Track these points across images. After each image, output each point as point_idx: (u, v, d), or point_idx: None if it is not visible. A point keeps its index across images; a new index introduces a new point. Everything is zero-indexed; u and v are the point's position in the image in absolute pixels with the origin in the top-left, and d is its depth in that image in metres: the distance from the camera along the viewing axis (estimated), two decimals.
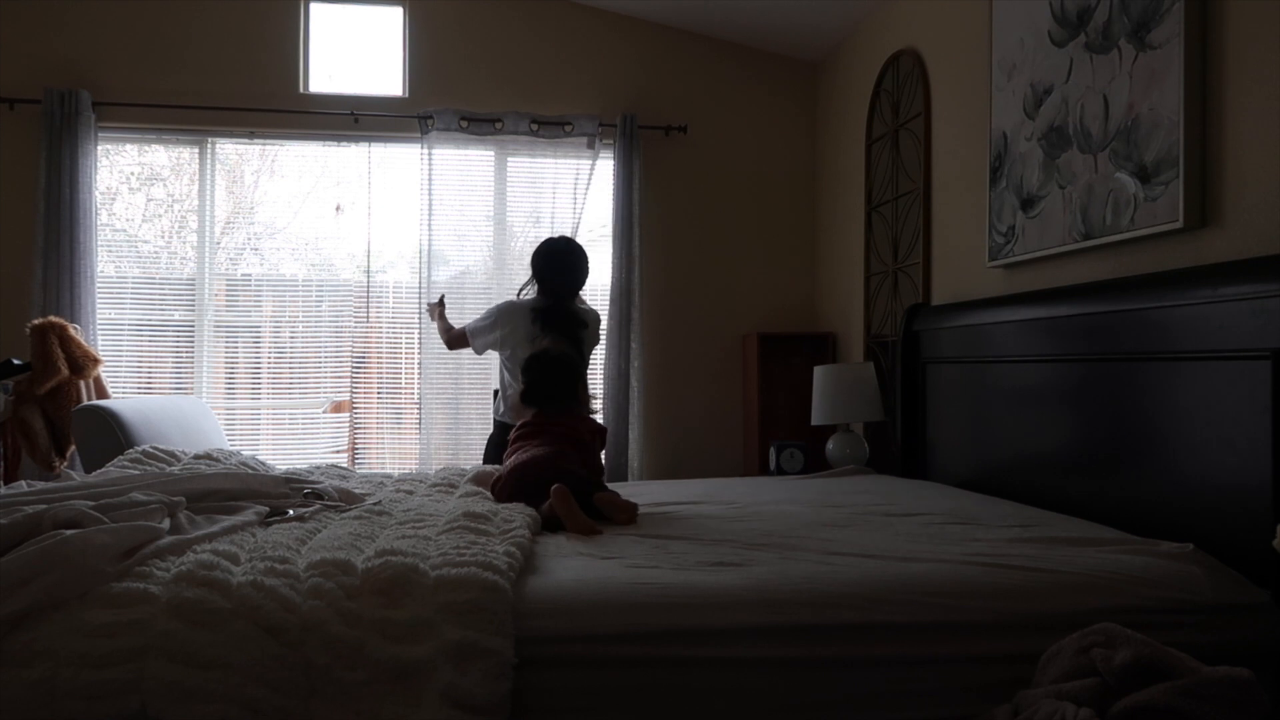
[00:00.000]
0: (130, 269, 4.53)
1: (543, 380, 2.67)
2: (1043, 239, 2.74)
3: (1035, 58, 2.79)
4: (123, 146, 4.57)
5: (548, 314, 3.14)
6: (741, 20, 4.56)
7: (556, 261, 3.23)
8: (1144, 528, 2.15)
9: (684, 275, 4.79)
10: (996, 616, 1.67)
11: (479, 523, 1.93)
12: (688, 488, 3.04)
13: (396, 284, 4.70)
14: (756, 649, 1.59)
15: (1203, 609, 1.72)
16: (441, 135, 4.46)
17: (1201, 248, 2.18)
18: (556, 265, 3.22)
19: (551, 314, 3.13)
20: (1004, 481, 2.81)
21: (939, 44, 3.56)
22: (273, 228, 4.69)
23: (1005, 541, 2.04)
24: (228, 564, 1.59)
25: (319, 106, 4.49)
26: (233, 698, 1.39)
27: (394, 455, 4.63)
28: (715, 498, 2.77)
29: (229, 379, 4.58)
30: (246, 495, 2.14)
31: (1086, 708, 1.33)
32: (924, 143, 3.61)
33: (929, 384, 3.34)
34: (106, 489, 1.97)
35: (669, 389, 4.72)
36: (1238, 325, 1.92)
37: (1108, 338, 2.34)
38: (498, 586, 1.54)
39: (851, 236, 4.38)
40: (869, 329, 4.13)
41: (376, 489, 2.62)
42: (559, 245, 3.29)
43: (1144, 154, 2.31)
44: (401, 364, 4.67)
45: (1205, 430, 2.02)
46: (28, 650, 1.40)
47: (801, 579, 1.73)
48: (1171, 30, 2.21)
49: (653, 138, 4.72)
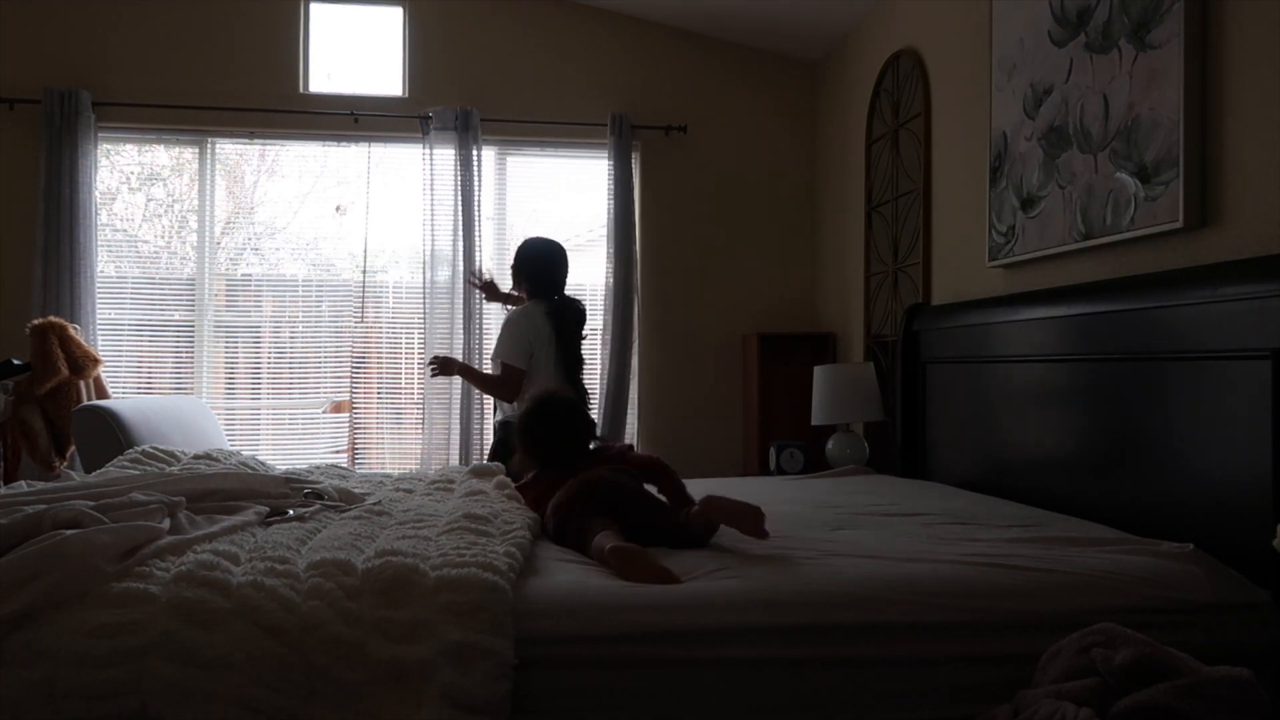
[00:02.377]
0: (130, 269, 4.53)
1: (555, 436, 2.30)
2: (1043, 239, 2.74)
3: (1035, 57, 2.79)
4: (123, 146, 4.57)
5: (563, 313, 3.24)
6: (741, 20, 4.56)
7: (550, 261, 3.32)
8: (1144, 528, 2.15)
9: (684, 275, 4.79)
10: (996, 617, 1.67)
11: (479, 523, 1.93)
12: (687, 488, 3.03)
13: (396, 284, 4.70)
14: (757, 650, 1.59)
15: (1203, 609, 1.72)
16: (441, 135, 4.46)
17: (1201, 248, 2.17)
18: (551, 264, 3.32)
19: (566, 312, 3.25)
20: (1004, 481, 2.81)
21: (939, 44, 3.56)
22: (273, 228, 4.69)
23: (1005, 542, 2.04)
24: (228, 564, 1.59)
25: (319, 106, 4.48)
26: (233, 698, 1.39)
27: (394, 455, 4.63)
28: None
29: (229, 379, 4.58)
30: (246, 495, 2.14)
31: (1087, 707, 1.33)
32: (924, 143, 3.60)
33: (929, 384, 3.34)
34: (106, 489, 1.97)
35: (669, 389, 4.72)
36: (1238, 325, 1.92)
37: (1108, 338, 2.34)
38: (498, 587, 1.54)
39: (851, 236, 4.38)
40: (869, 329, 4.13)
41: (376, 489, 2.62)
42: (548, 245, 3.38)
43: (1144, 154, 2.31)
44: (401, 364, 4.67)
45: (1205, 430, 2.02)
46: (28, 650, 1.40)
47: (801, 580, 1.73)
48: (1171, 30, 2.21)
49: (652, 138, 4.72)
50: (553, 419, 2.30)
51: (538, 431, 2.29)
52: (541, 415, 2.31)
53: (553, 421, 2.29)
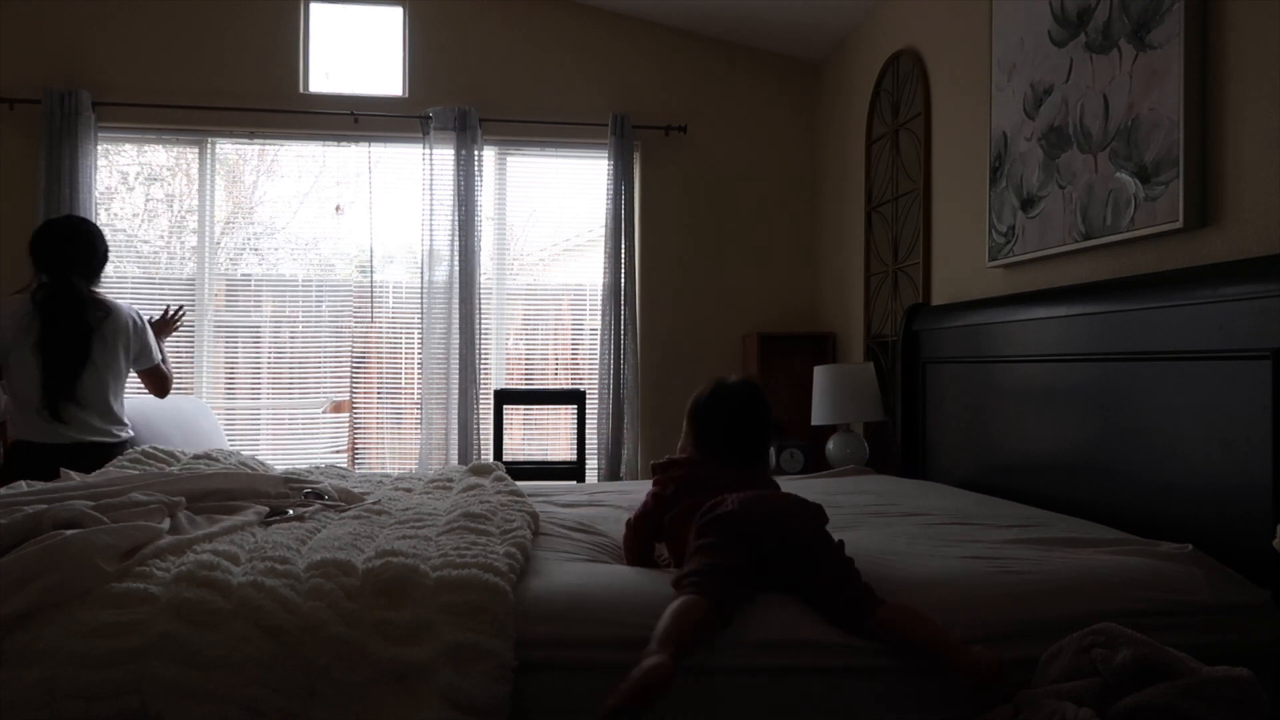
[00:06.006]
0: (130, 269, 4.53)
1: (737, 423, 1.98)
2: (1043, 239, 2.74)
3: (1035, 58, 2.79)
4: (122, 146, 4.57)
5: (49, 300, 2.84)
6: (741, 20, 4.56)
7: (53, 238, 2.95)
8: (1144, 528, 2.15)
9: (684, 275, 4.79)
10: (996, 619, 1.67)
11: (478, 522, 1.93)
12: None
13: (396, 284, 4.70)
14: (756, 656, 1.59)
15: (1202, 610, 1.71)
16: (441, 135, 4.46)
17: (1201, 248, 2.18)
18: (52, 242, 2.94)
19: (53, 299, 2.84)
20: (1004, 481, 2.81)
21: (939, 44, 3.56)
22: (272, 228, 4.69)
23: (1005, 542, 2.04)
24: (228, 564, 1.58)
25: (319, 106, 4.48)
26: (233, 698, 1.39)
27: (394, 455, 4.63)
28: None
29: (229, 379, 4.58)
30: (246, 495, 2.14)
31: (1087, 707, 1.33)
32: (924, 143, 3.61)
33: (929, 384, 3.34)
34: (106, 489, 1.97)
35: (669, 389, 4.72)
36: (1238, 325, 1.92)
37: (1108, 338, 2.34)
38: (498, 589, 1.54)
39: (851, 236, 4.38)
40: (869, 329, 4.13)
41: (375, 488, 2.62)
42: (59, 224, 3.03)
43: (1144, 154, 2.31)
44: (401, 364, 4.67)
45: (1205, 430, 2.02)
46: (28, 650, 1.39)
47: None
48: (1171, 30, 2.21)
49: (652, 137, 4.72)
50: (733, 403, 1.99)
51: (720, 414, 1.99)
52: (722, 398, 2.00)
53: (733, 407, 1.99)
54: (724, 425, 1.97)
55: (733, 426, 1.97)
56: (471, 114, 4.47)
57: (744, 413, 1.98)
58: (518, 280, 4.80)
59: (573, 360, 4.81)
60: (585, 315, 4.80)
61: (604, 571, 1.80)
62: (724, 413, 1.98)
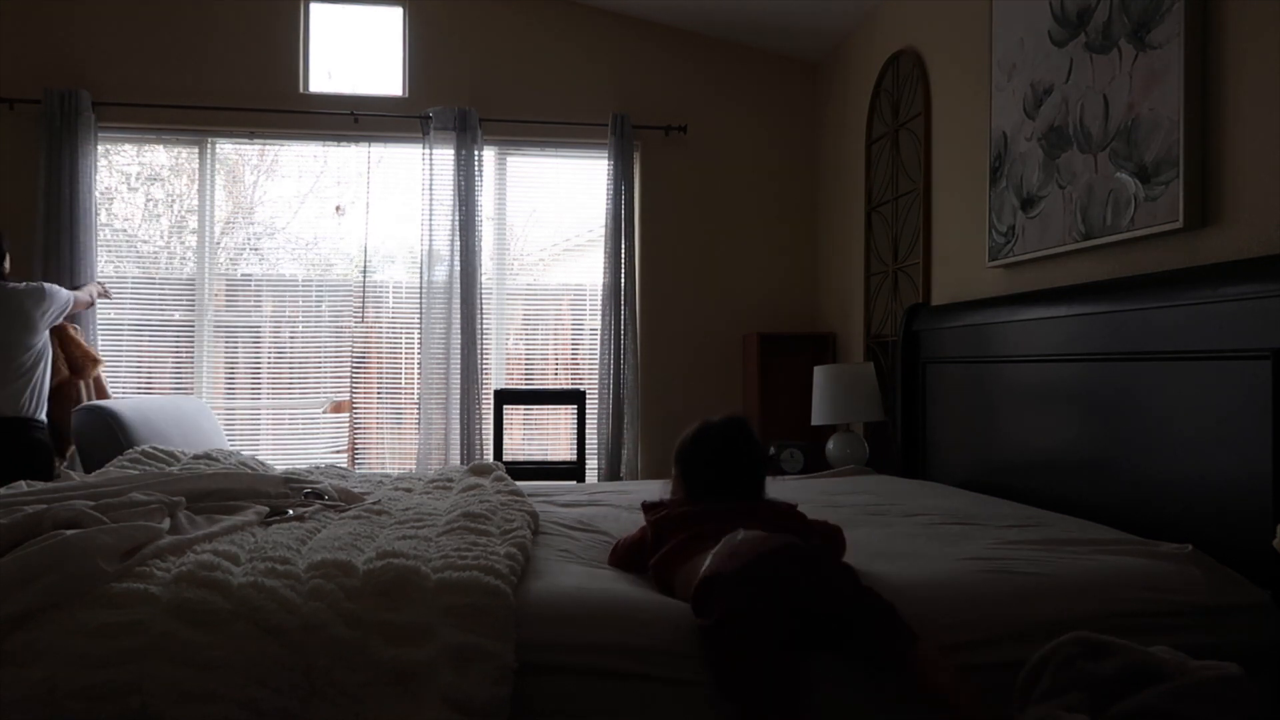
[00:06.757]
0: (130, 269, 4.53)
1: (721, 463, 1.95)
2: (1043, 239, 2.74)
3: (1035, 58, 2.79)
4: (122, 146, 4.57)
5: None
6: (741, 20, 4.56)
7: None
8: (1143, 528, 2.15)
9: (684, 275, 4.79)
10: (995, 619, 1.66)
11: (478, 522, 1.93)
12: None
13: (396, 284, 4.70)
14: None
15: (1202, 610, 1.71)
16: (441, 135, 4.46)
17: (1201, 248, 2.18)
18: None
19: None
20: (1004, 481, 2.81)
21: (939, 44, 3.56)
22: (272, 228, 4.69)
23: (1004, 543, 2.03)
24: (228, 564, 1.58)
25: (319, 106, 4.49)
26: (233, 699, 1.39)
27: (394, 455, 4.63)
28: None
29: (229, 379, 4.58)
30: (246, 495, 2.14)
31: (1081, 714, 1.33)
32: (924, 143, 3.61)
33: (929, 384, 3.34)
34: (106, 489, 1.97)
35: (669, 389, 4.72)
36: (1238, 325, 1.92)
37: (1108, 338, 2.34)
38: (499, 591, 1.54)
39: (851, 236, 4.38)
40: (869, 329, 4.13)
41: (375, 488, 2.62)
42: None
43: (1144, 154, 2.31)
44: (401, 364, 4.67)
45: (1205, 430, 2.02)
46: (28, 650, 1.39)
47: None
48: (1171, 30, 2.21)
49: (652, 137, 4.72)
50: (718, 443, 1.97)
51: (704, 454, 1.97)
52: (704, 439, 1.99)
53: (717, 447, 1.97)
54: (709, 466, 1.96)
55: (718, 467, 1.95)
56: (471, 114, 4.47)
57: (728, 452, 1.96)
58: (518, 280, 4.80)
59: (573, 360, 4.81)
60: (585, 315, 4.80)
61: (606, 575, 1.80)
62: (708, 452, 1.97)
